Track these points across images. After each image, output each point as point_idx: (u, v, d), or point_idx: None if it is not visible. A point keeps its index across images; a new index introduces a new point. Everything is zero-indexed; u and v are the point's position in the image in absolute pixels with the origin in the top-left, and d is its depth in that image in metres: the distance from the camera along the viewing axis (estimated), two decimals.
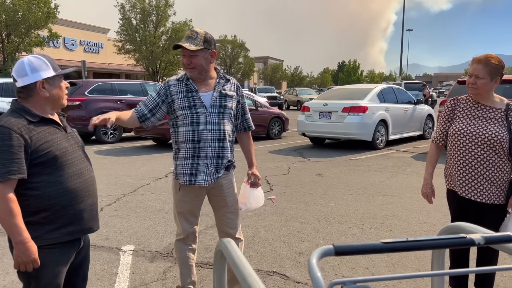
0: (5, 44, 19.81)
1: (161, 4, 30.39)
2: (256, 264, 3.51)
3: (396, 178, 6.81)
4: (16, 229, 1.72)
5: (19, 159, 1.73)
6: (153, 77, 31.06)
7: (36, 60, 1.86)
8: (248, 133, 2.84)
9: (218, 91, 2.57)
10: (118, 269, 3.45)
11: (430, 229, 4.37)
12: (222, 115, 2.56)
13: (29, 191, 1.79)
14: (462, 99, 2.63)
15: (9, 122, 1.76)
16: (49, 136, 1.85)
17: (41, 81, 1.85)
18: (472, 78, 2.46)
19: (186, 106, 2.50)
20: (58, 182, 1.84)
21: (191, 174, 2.54)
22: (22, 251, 1.73)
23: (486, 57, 2.44)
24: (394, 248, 0.83)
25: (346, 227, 4.45)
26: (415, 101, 11.38)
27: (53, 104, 1.93)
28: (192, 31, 2.50)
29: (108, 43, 36.24)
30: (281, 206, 5.25)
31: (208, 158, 2.53)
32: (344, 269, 3.40)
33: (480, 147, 2.45)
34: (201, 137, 2.50)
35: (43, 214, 1.81)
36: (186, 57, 2.49)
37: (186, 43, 2.45)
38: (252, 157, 2.83)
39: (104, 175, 7.07)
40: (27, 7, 19.07)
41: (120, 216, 4.84)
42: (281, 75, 64.38)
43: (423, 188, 2.74)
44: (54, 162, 1.83)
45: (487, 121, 2.48)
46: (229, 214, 2.71)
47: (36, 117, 1.84)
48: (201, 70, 2.50)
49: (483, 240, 0.84)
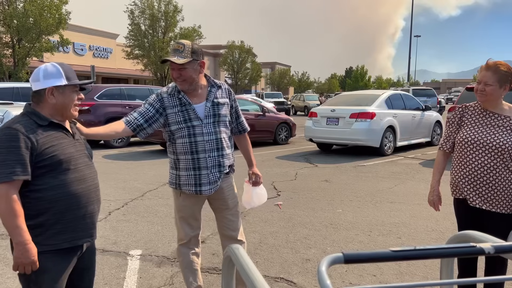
0: (16, 49, 20.05)
1: (169, 10, 30.64)
2: (263, 271, 3.50)
3: (404, 185, 6.77)
4: (17, 230, 1.73)
5: (24, 161, 1.76)
6: (161, 82, 31.25)
7: (51, 68, 1.90)
8: (245, 134, 2.87)
9: (211, 100, 2.57)
10: (125, 273, 3.46)
11: (439, 237, 4.33)
12: (217, 124, 2.57)
13: (32, 193, 1.81)
14: (471, 106, 2.61)
15: (18, 124, 1.80)
16: (55, 140, 1.87)
17: (50, 88, 1.88)
18: (481, 85, 2.44)
19: (182, 120, 2.50)
20: (60, 186, 1.85)
21: (196, 185, 2.55)
22: (22, 252, 1.75)
23: (495, 64, 2.43)
24: (403, 257, 0.83)
25: (354, 234, 4.43)
26: (423, 108, 11.32)
27: (60, 113, 1.93)
28: (179, 43, 2.47)
29: (117, 48, 36.56)
30: (288, 212, 5.24)
31: (209, 168, 2.55)
32: (352, 276, 3.38)
33: (488, 155, 2.43)
34: (199, 148, 2.51)
35: (42, 218, 1.82)
36: (175, 71, 2.46)
37: (173, 57, 2.42)
38: (251, 157, 2.87)
39: (112, 179, 7.11)
40: (39, 13, 19.31)
41: (128, 221, 4.86)
42: (288, 81, 64.41)
43: (430, 195, 2.72)
44: (58, 166, 1.85)
45: (496, 129, 2.46)
46: (230, 216, 2.73)
47: (45, 121, 1.87)
48: (191, 81, 2.49)
49: (493, 249, 0.84)
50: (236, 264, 1.10)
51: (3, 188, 1.73)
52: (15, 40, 20.11)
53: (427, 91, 22.71)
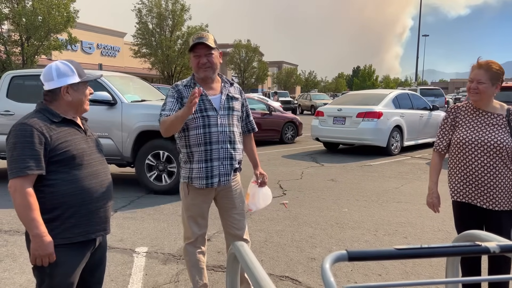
0: (25, 47, 20.21)
1: (177, 9, 30.69)
2: (268, 269, 3.51)
3: (411, 185, 6.74)
4: (33, 223, 1.77)
5: (38, 156, 1.80)
6: (168, 81, 31.33)
7: (63, 66, 1.95)
8: (251, 135, 2.89)
9: (226, 94, 2.62)
10: (131, 270, 3.48)
11: (445, 237, 4.31)
12: (231, 117, 2.61)
13: (46, 188, 1.85)
14: (463, 106, 2.61)
15: (32, 120, 1.85)
16: (68, 136, 1.92)
17: (65, 87, 1.94)
18: (473, 83, 2.45)
19: (197, 109, 2.52)
20: (74, 180, 1.89)
21: (207, 178, 2.56)
22: (39, 244, 1.78)
23: (487, 62, 2.47)
24: (408, 255, 0.83)
25: (360, 233, 4.42)
26: (431, 107, 11.25)
27: (75, 109, 2.00)
28: (201, 33, 2.55)
29: (124, 47, 36.70)
30: (294, 211, 5.24)
31: (221, 159, 2.56)
32: (357, 275, 3.38)
33: (486, 155, 2.43)
34: (213, 139, 2.53)
35: (56, 212, 1.86)
36: (201, 57, 2.52)
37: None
38: (257, 158, 2.90)
39: (119, 176, 7.15)
40: (47, 12, 19.44)
41: (134, 218, 4.89)
42: (295, 80, 64.28)
43: (429, 197, 2.70)
44: (71, 161, 1.89)
45: (491, 127, 2.46)
46: (236, 215, 2.74)
47: (58, 117, 1.92)
48: (215, 69, 2.57)
49: (498, 248, 0.84)
50: (240, 261, 1.11)
51: (18, 183, 1.77)
52: (24, 38, 20.26)
53: (435, 91, 22.52)
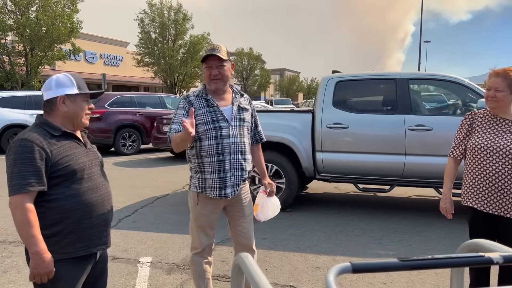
0: (29, 58, 20.37)
1: (179, 18, 30.90)
2: (272, 278, 3.50)
3: (417, 192, 6.71)
4: (33, 240, 1.75)
5: (40, 172, 1.78)
6: (171, 90, 31.44)
7: (63, 77, 1.94)
8: (259, 145, 2.90)
9: (237, 105, 2.63)
10: (136, 280, 3.48)
11: (451, 245, 4.28)
12: (242, 128, 2.62)
13: (47, 203, 1.83)
14: (480, 113, 2.61)
15: (32, 136, 1.82)
16: (69, 150, 1.90)
17: (62, 96, 1.91)
18: (491, 91, 2.46)
19: (210, 121, 2.53)
20: (74, 195, 1.88)
21: (220, 188, 2.56)
22: (38, 262, 1.76)
23: (504, 70, 2.47)
24: (411, 266, 0.83)
25: (365, 241, 4.40)
26: None
27: (71, 121, 1.96)
28: (214, 44, 2.56)
29: (127, 56, 36.91)
30: (299, 219, 5.23)
31: (232, 170, 2.57)
32: (362, 284, 3.36)
33: (502, 161, 2.42)
34: (225, 150, 2.54)
35: (58, 227, 1.84)
36: (213, 69, 2.52)
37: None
38: (264, 168, 2.90)
39: (123, 186, 7.16)
40: (51, 23, 19.62)
41: (138, 228, 4.89)
42: (297, 87, 64.38)
43: (442, 202, 2.72)
44: (72, 176, 1.87)
45: (508, 134, 2.46)
46: (245, 224, 2.74)
47: (58, 131, 1.90)
48: (226, 81, 2.57)
49: (502, 259, 0.84)
50: (245, 273, 1.11)
51: (18, 199, 1.75)
52: (27, 49, 20.43)
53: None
